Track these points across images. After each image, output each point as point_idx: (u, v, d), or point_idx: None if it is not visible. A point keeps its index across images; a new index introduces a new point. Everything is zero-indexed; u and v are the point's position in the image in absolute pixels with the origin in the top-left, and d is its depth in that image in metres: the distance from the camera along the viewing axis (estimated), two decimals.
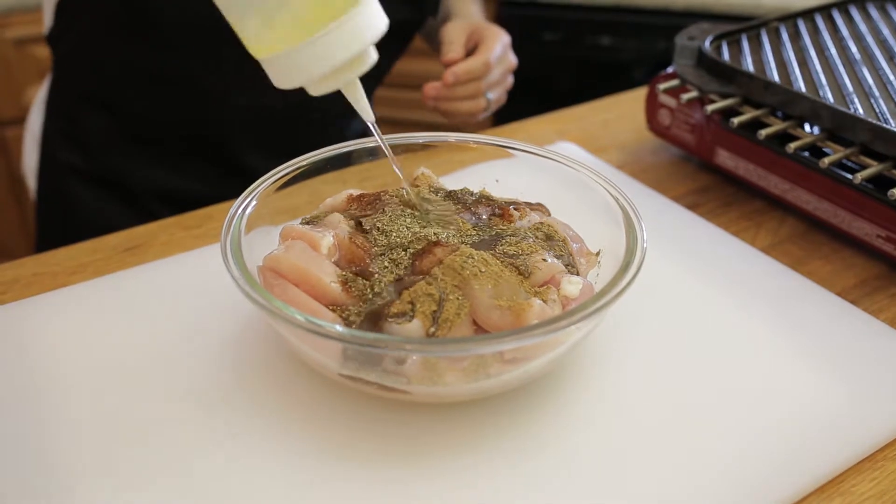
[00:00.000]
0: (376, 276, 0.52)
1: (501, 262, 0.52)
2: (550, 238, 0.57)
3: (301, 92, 0.51)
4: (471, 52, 0.92)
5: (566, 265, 0.55)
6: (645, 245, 0.54)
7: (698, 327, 0.61)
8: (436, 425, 0.52)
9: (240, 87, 0.91)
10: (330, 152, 0.63)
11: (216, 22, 0.52)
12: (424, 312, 0.48)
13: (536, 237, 0.57)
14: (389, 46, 0.58)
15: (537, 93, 2.05)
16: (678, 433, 0.52)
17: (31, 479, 0.48)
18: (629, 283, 0.50)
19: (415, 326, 0.48)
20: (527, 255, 0.54)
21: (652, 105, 0.86)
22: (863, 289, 0.68)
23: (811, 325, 0.61)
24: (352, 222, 0.58)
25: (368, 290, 0.51)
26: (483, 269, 0.50)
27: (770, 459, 0.50)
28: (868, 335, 0.61)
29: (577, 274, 0.56)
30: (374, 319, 0.49)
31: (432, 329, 0.48)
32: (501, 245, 0.55)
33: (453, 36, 0.92)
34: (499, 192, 0.64)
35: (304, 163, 0.62)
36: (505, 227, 0.58)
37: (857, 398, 0.55)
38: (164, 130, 0.96)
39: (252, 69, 0.53)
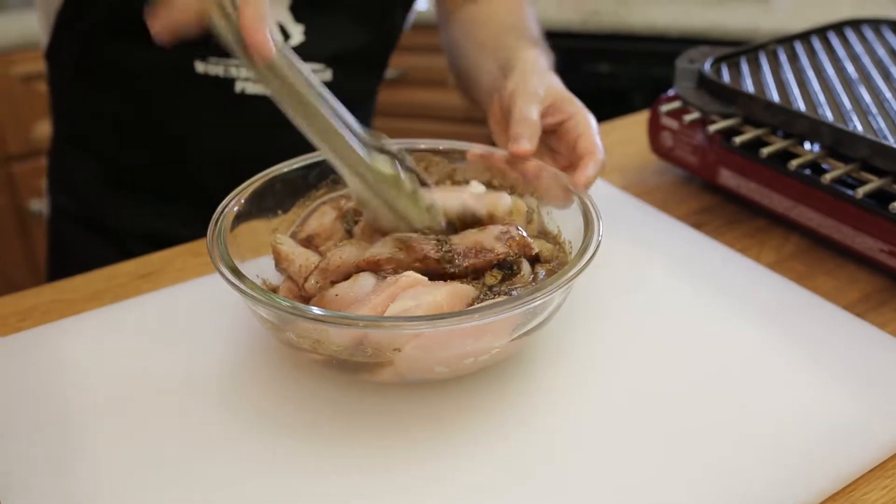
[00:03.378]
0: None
1: None
2: None
3: (268, 133, 0.53)
4: (549, 126, 0.70)
5: None
6: (601, 234, 0.57)
7: (705, 343, 0.62)
8: (419, 408, 0.55)
9: (208, 130, 0.90)
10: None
11: (180, 68, 0.54)
12: None
13: None
14: (360, 73, 0.57)
15: None
16: (686, 447, 0.52)
17: (55, 497, 0.49)
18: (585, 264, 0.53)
19: None
20: None
21: (654, 127, 0.88)
22: (868, 302, 0.69)
23: (819, 339, 0.62)
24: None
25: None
26: None
27: (780, 471, 0.51)
28: (876, 347, 0.62)
29: None
30: None
31: None
32: None
33: (522, 110, 0.67)
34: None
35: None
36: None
37: (867, 408, 0.56)
38: (141, 174, 0.96)
39: (218, 113, 0.55)
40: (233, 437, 0.53)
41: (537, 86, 0.70)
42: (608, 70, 1.99)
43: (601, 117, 1.15)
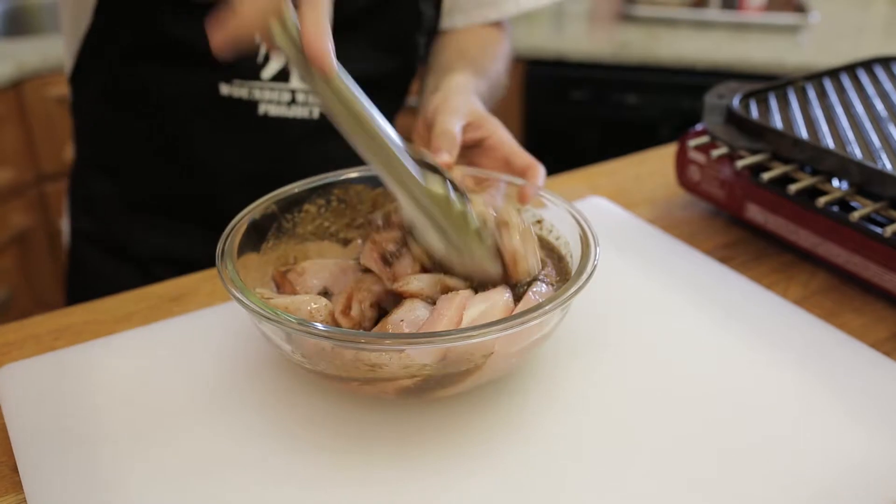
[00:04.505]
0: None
1: None
2: None
3: (290, 156, 0.54)
4: (471, 141, 0.74)
5: None
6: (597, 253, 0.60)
7: (729, 377, 0.62)
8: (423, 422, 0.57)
9: (231, 153, 0.92)
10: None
11: (205, 91, 0.54)
12: None
13: None
14: (381, 99, 0.57)
15: (564, 151, 2.08)
16: (702, 480, 0.52)
17: None
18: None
19: None
20: None
21: (682, 161, 0.88)
22: (895, 341, 0.68)
23: (845, 376, 0.62)
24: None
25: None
26: None
27: None
28: None
29: None
30: None
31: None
32: None
33: (443, 124, 0.69)
34: None
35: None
36: None
37: (893, 446, 0.55)
38: (163, 197, 0.97)
39: (240, 136, 0.56)
40: (264, 457, 0.54)
41: (459, 104, 0.73)
42: (636, 101, 2.00)
43: (629, 148, 1.17)
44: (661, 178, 0.96)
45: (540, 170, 0.71)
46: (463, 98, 0.75)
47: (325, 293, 0.62)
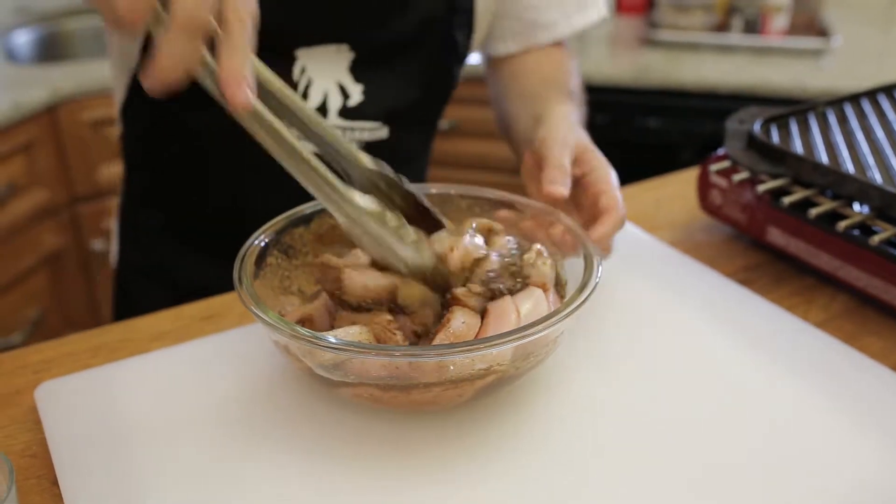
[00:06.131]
0: None
1: None
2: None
3: None
4: (574, 177, 0.72)
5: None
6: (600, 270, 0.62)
7: (749, 399, 0.63)
8: (434, 433, 0.58)
9: (263, 190, 0.90)
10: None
11: (238, 129, 0.57)
12: None
13: None
14: (415, 127, 0.59)
15: None
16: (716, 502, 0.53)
17: None
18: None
19: None
20: None
21: (704, 185, 0.90)
22: None
23: (865, 399, 0.63)
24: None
25: None
26: None
27: None
28: None
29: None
30: None
31: None
32: None
33: (557, 157, 0.70)
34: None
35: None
36: None
37: None
38: (204, 231, 0.99)
39: (272, 173, 0.59)
40: (300, 473, 0.56)
41: (567, 135, 0.74)
42: (658, 125, 2.01)
43: (650, 171, 1.18)
44: (682, 202, 0.98)
45: (613, 217, 0.68)
46: (569, 129, 0.76)
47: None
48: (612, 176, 0.72)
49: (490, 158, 2.13)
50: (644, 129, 2.02)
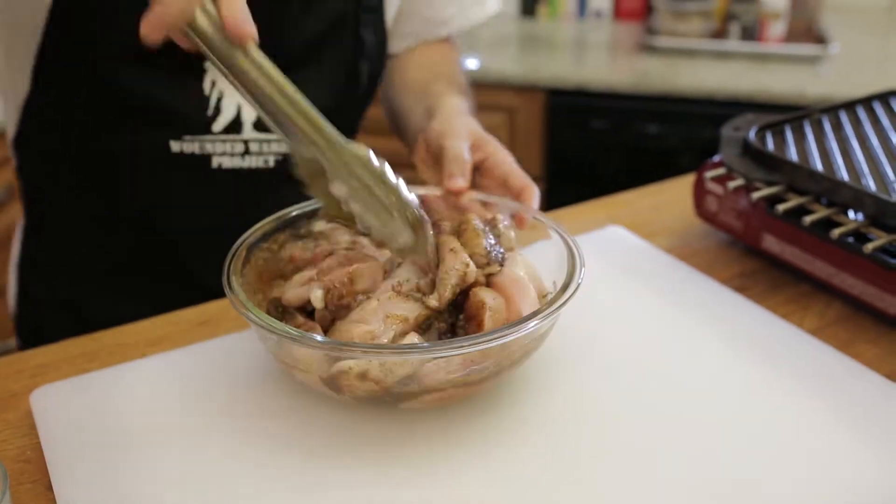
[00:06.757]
0: None
1: None
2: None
3: (246, 207, 0.56)
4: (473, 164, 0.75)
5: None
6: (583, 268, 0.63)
7: (746, 406, 0.63)
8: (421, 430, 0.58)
9: (186, 209, 0.91)
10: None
11: (156, 149, 0.57)
12: None
13: None
14: (338, 127, 0.60)
15: (585, 179, 2.10)
16: None
17: None
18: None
19: None
20: None
21: (700, 192, 0.90)
22: None
23: (859, 407, 0.63)
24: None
25: None
26: None
27: None
28: None
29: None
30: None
31: None
32: None
33: (455, 149, 0.74)
34: None
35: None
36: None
37: None
38: (120, 257, 0.94)
39: (195, 190, 0.59)
40: (290, 476, 0.56)
41: (461, 127, 0.77)
42: (657, 131, 2.01)
43: (649, 176, 1.18)
44: (678, 208, 0.98)
45: (533, 191, 0.73)
46: (462, 120, 0.80)
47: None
48: (510, 157, 0.76)
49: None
50: (642, 135, 2.03)
